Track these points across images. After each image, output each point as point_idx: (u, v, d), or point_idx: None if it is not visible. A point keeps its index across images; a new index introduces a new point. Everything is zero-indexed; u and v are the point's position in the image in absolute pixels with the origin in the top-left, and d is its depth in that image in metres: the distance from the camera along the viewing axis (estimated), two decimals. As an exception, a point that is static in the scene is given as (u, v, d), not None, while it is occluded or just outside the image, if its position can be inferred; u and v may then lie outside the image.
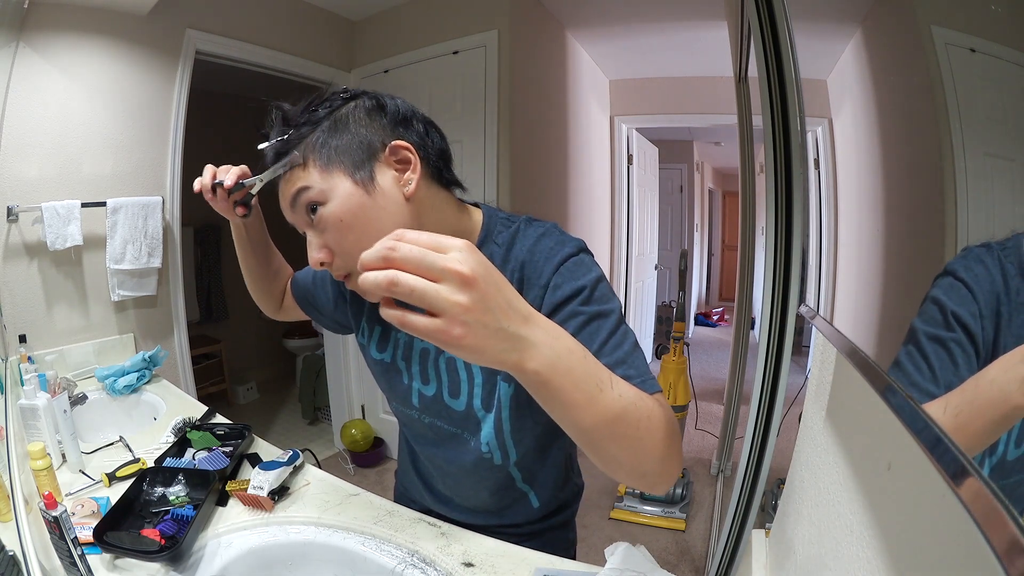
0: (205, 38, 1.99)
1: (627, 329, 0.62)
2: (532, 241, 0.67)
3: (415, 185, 0.63)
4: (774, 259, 0.81)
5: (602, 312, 0.61)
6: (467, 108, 2.27)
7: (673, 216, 5.66)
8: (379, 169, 0.62)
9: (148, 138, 1.89)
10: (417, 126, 0.66)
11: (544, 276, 0.64)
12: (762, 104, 0.80)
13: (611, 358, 0.58)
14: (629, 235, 3.89)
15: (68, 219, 1.63)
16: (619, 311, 0.63)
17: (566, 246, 0.66)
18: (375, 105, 0.64)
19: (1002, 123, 0.30)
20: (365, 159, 0.62)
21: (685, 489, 2.42)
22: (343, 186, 0.61)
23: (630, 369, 0.58)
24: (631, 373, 0.57)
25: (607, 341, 0.60)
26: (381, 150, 0.63)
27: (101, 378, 1.53)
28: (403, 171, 0.63)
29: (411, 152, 0.63)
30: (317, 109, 0.63)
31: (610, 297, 0.64)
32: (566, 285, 0.63)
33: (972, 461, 0.26)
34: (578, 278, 0.63)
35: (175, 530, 0.84)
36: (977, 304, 0.28)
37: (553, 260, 0.64)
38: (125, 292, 1.83)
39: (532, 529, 0.86)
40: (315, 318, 0.95)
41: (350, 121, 0.63)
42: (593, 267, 0.65)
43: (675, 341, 2.44)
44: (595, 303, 0.62)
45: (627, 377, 0.54)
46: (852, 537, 0.50)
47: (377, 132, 0.63)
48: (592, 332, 0.60)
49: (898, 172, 0.47)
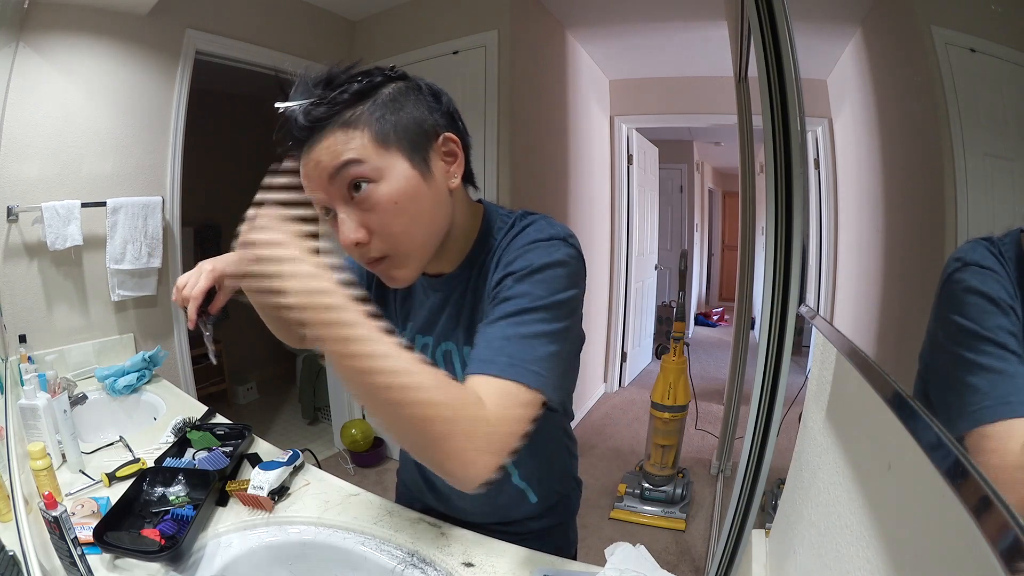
0: (205, 38, 1.99)
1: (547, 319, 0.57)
2: (518, 230, 0.67)
3: (459, 179, 0.64)
4: (774, 259, 0.81)
5: (527, 293, 0.57)
6: (467, 108, 2.27)
7: (673, 216, 5.66)
8: (433, 157, 0.62)
9: (148, 138, 1.89)
10: (460, 123, 0.66)
11: (510, 258, 0.63)
12: (762, 104, 0.80)
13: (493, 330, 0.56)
14: (629, 235, 3.89)
15: (68, 219, 1.63)
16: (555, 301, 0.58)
17: (542, 232, 0.64)
18: (431, 91, 0.63)
19: (1002, 123, 0.30)
20: (423, 143, 0.60)
21: (685, 489, 2.42)
22: (401, 167, 0.58)
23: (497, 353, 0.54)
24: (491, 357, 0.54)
25: (507, 317, 0.56)
26: (435, 138, 0.62)
27: (101, 378, 1.53)
28: (450, 164, 0.64)
29: (458, 147, 0.64)
30: (365, 79, 0.59)
31: (555, 286, 0.59)
32: (515, 263, 0.61)
33: (972, 461, 0.26)
34: (529, 259, 0.60)
35: (175, 530, 0.84)
36: (1009, 287, 0.28)
37: (521, 243, 0.63)
38: (125, 292, 1.83)
39: (532, 528, 0.86)
40: None
41: (408, 101, 0.60)
42: (555, 253, 0.60)
43: (675, 341, 2.44)
44: (527, 283, 0.58)
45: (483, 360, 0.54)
46: (852, 537, 0.50)
47: (432, 120, 0.62)
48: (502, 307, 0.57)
49: (898, 172, 0.47)
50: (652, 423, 2.42)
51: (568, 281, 0.61)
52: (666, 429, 2.37)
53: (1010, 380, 0.28)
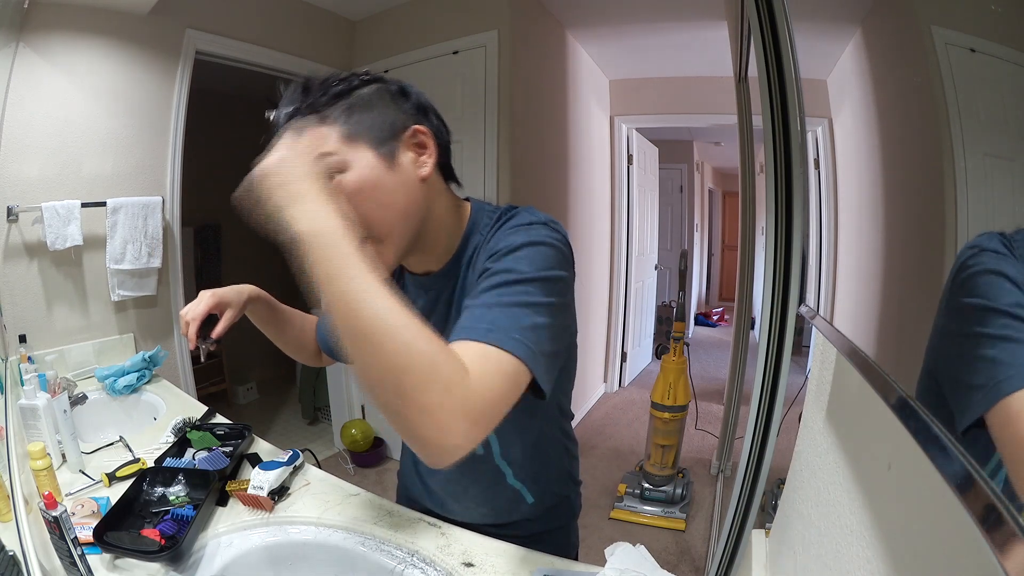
0: (205, 38, 1.99)
1: (528, 291, 0.57)
2: (503, 222, 0.69)
3: (429, 168, 0.67)
4: (774, 259, 0.81)
5: (509, 269, 0.58)
6: (467, 108, 2.27)
7: (673, 216, 5.66)
8: (400, 149, 0.66)
9: (148, 138, 1.89)
10: (432, 117, 0.71)
11: (494, 246, 0.64)
12: (762, 104, 0.80)
13: (475, 302, 0.57)
14: (629, 235, 3.89)
15: (68, 219, 1.63)
16: (537, 277, 0.58)
17: (524, 219, 0.67)
18: (399, 90, 0.69)
19: (1002, 123, 0.30)
20: (388, 137, 0.65)
21: (685, 489, 2.42)
22: (365, 157, 0.63)
23: (478, 321, 0.54)
24: (471, 325, 0.54)
25: (488, 290, 0.57)
26: (403, 131, 0.66)
27: (101, 378, 1.53)
28: (420, 154, 0.68)
29: (429, 137, 0.68)
30: (340, 84, 0.65)
31: (537, 263, 0.59)
32: (499, 246, 0.62)
33: (972, 461, 0.26)
34: (510, 241, 0.62)
35: (175, 530, 0.84)
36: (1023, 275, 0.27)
37: (505, 231, 0.66)
38: (125, 292, 1.83)
39: (532, 531, 0.86)
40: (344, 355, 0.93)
41: (376, 101, 0.66)
42: (535, 235, 0.62)
43: (675, 341, 2.44)
44: (508, 260, 0.60)
45: (464, 327, 0.54)
46: (852, 537, 0.50)
47: (400, 115, 0.67)
48: (484, 284, 0.59)
49: (898, 172, 0.47)
50: (652, 423, 2.42)
51: (553, 260, 0.61)
52: (666, 429, 2.37)
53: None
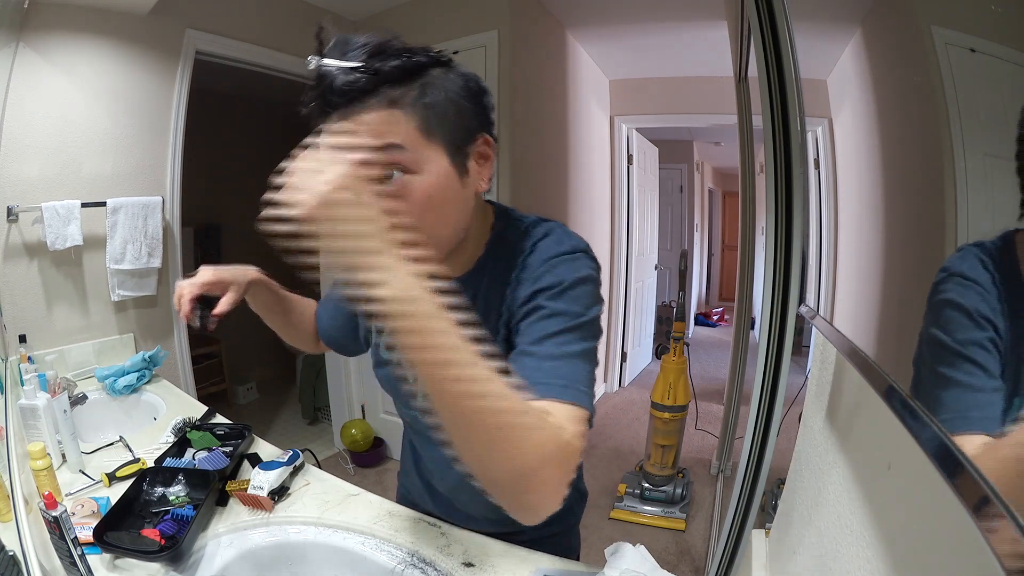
0: (205, 38, 1.99)
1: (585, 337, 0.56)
2: (535, 240, 0.65)
3: (487, 183, 0.61)
4: (774, 259, 0.81)
5: (565, 312, 0.56)
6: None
7: (673, 216, 5.65)
8: (470, 157, 0.59)
9: (148, 138, 1.89)
10: (494, 124, 0.63)
11: (536, 272, 0.62)
12: (762, 104, 0.80)
13: (541, 351, 0.54)
14: (629, 235, 3.88)
15: (68, 219, 1.63)
16: (590, 319, 0.58)
17: (563, 245, 0.63)
18: (479, 88, 0.60)
19: (1002, 123, 0.30)
20: (463, 141, 0.57)
21: (685, 489, 2.42)
22: (442, 163, 0.55)
23: (552, 375, 0.52)
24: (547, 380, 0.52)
25: (551, 336, 0.55)
26: (476, 136, 0.59)
27: (101, 378, 1.53)
28: (481, 165, 0.61)
29: (492, 150, 0.61)
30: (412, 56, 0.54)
31: (587, 303, 0.58)
32: (545, 278, 0.59)
33: (972, 461, 0.26)
34: (559, 274, 0.59)
35: (175, 530, 0.84)
36: (991, 300, 0.28)
37: (544, 256, 0.62)
38: (125, 292, 1.83)
39: (533, 536, 0.85)
40: (343, 346, 0.91)
41: (452, 92, 0.56)
42: (582, 268, 0.60)
43: (675, 341, 2.44)
44: (563, 301, 0.57)
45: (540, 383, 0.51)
46: (852, 537, 0.50)
47: (475, 117, 0.59)
48: (542, 325, 0.56)
49: (898, 172, 0.47)
50: (652, 423, 2.42)
51: (596, 297, 0.60)
52: (666, 429, 2.37)
53: (972, 394, 0.30)
